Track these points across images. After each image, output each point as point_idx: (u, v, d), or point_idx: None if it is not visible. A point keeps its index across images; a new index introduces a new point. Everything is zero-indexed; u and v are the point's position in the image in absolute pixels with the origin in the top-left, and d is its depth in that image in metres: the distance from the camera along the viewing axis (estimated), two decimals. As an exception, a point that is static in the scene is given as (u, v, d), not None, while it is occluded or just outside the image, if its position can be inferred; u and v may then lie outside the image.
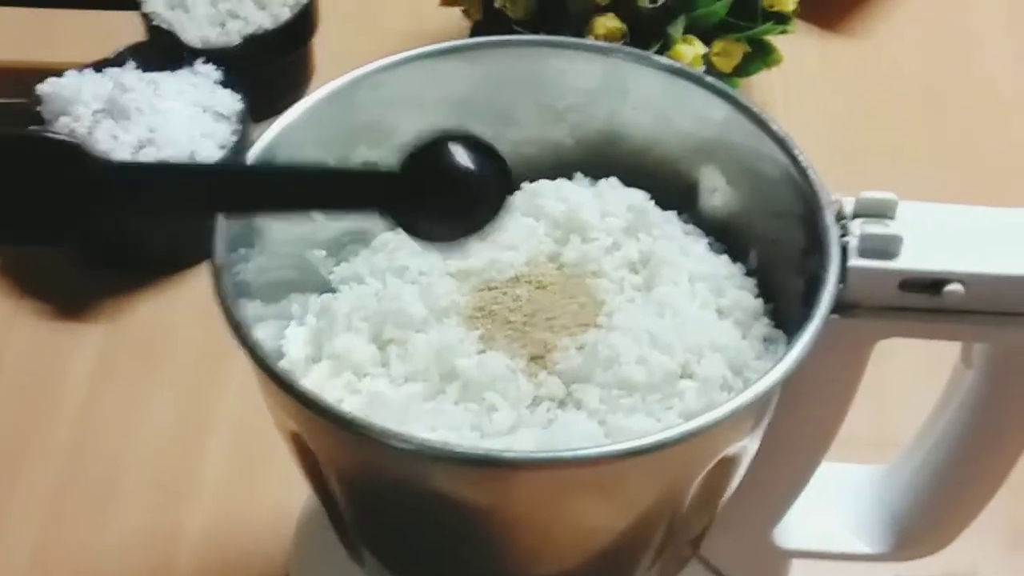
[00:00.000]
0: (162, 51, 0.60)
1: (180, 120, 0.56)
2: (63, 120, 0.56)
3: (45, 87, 0.58)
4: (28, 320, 0.57)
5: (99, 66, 0.59)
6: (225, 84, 0.58)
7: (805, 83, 0.67)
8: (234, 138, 0.56)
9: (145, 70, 0.58)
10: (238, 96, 0.58)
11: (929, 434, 0.42)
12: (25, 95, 0.58)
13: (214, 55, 0.61)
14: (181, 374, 0.55)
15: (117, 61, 0.59)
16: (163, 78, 0.58)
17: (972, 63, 0.69)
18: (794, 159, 0.38)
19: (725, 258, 0.41)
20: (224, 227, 0.37)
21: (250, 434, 0.53)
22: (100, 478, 0.52)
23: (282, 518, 0.49)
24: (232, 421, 0.54)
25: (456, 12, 0.63)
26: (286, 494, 0.49)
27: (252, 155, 0.38)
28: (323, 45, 0.65)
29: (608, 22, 0.56)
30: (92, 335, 0.56)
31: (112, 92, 0.57)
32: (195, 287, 0.58)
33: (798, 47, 0.65)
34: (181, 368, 0.55)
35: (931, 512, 0.43)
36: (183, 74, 0.59)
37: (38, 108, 0.58)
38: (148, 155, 0.55)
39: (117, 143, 0.55)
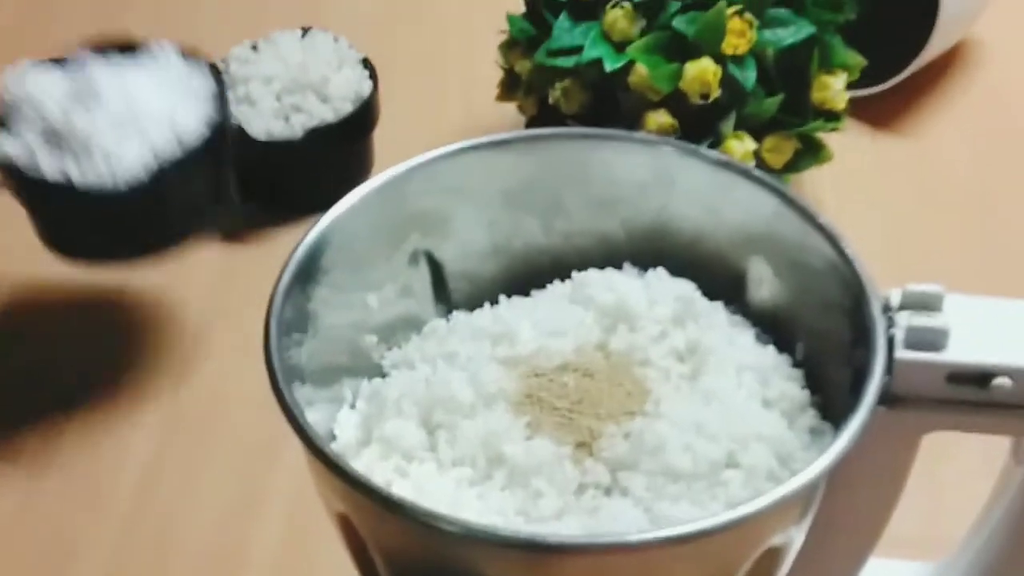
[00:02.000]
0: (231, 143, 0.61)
1: (154, 97, 0.54)
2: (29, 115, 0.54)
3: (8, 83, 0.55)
4: (89, 397, 0.58)
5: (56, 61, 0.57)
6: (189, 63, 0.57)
7: (855, 180, 0.67)
8: (214, 115, 0.55)
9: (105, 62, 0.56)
10: (206, 72, 0.57)
11: (980, 532, 0.42)
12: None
13: (278, 147, 0.62)
14: (236, 454, 0.56)
15: (75, 57, 0.56)
16: (126, 63, 0.56)
17: (1021, 163, 0.70)
18: (841, 251, 0.38)
19: (772, 349, 0.41)
20: (278, 311, 0.38)
21: (301, 516, 0.53)
22: (152, 557, 0.53)
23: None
24: (284, 502, 0.54)
25: (511, 107, 0.64)
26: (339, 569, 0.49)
27: (309, 239, 0.39)
28: (383, 138, 0.67)
29: (660, 118, 0.57)
30: (151, 413, 0.58)
31: (77, 79, 0.54)
32: (252, 367, 0.58)
33: (849, 145, 0.65)
34: (236, 448, 0.56)
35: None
36: (143, 60, 0.57)
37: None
38: (129, 134, 0.53)
39: (95, 127, 0.53)
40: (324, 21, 0.69)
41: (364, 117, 0.65)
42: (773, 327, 0.42)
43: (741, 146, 0.58)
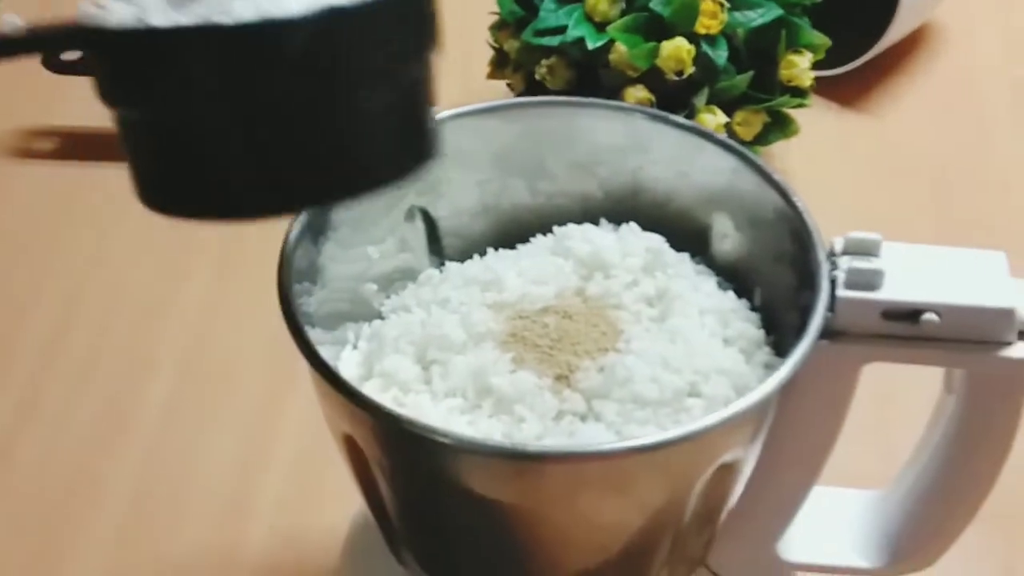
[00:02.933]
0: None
1: None
2: None
3: None
4: (112, 348, 0.63)
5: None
6: None
7: (822, 153, 0.72)
8: None
9: None
10: None
11: (918, 459, 0.46)
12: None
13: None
14: (245, 405, 0.61)
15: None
16: None
17: (977, 140, 0.74)
18: (791, 204, 0.43)
19: (732, 294, 0.45)
20: (290, 263, 0.42)
21: (305, 462, 0.58)
22: (169, 498, 0.57)
23: (332, 536, 0.54)
24: (289, 449, 0.59)
25: (501, 84, 0.69)
26: (336, 515, 0.54)
27: None
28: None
29: (638, 92, 0.62)
30: (166, 369, 0.62)
31: None
32: (261, 320, 0.63)
33: (816, 121, 0.70)
34: (245, 400, 0.61)
35: (921, 530, 0.47)
36: None
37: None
38: None
39: None
40: None
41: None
42: (734, 276, 0.46)
43: (713, 119, 0.63)
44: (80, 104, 0.74)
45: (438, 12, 0.32)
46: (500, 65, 0.68)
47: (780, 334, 0.44)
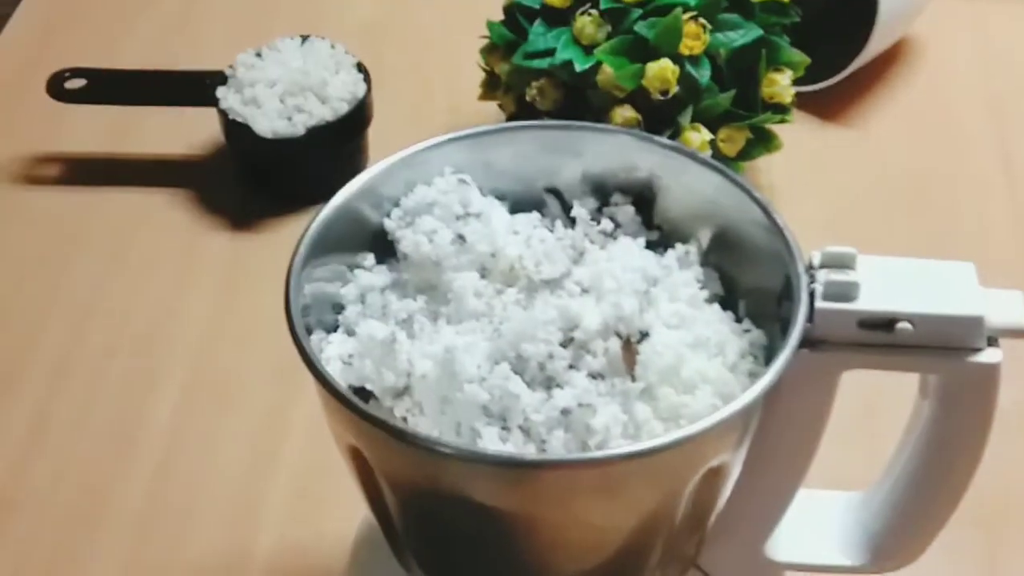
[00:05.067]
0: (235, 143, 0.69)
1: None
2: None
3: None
4: (121, 367, 0.65)
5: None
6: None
7: (805, 167, 0.74)
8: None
9: None
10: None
11: (897, 462, 0.49)
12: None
13: (281, 144, 0.69)
14: (251, 418, 0.63)
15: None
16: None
17: (954, 152, 0.77)
18: (772, 220, 0.45)
19: (716, 307, 0.47)
20: (297, 281, 0.44)
21: (311, 472, 0.60)
22: (180, 507, 0.59)
23: (338, 544, 0.56)
24: (295, 460, 0.61)
25: (492, 105, 0.71)
26: (342, 524, 0.56)
27: (329, 208, 0.46)
28: (377, 135, 0.74)
29: (625, 112, 0.64)
30: (174, 380, 0.65)
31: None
32: (264, 339, 0.65)
33: (799, 136, 0.72)
34: (251, 413, 0.63)
35: (902, 529, 0.49)
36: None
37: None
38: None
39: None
40: (322, 29, 0.76)
41: (359, 116, 0.72)
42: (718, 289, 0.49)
43: (698, 137, 0.65)
44: (84, 130, 0.77)
45: None
46: (491, 87, 0.71)
47: (762, 345, 0.47)
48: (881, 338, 0.43)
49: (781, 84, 0.67)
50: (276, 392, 0.63)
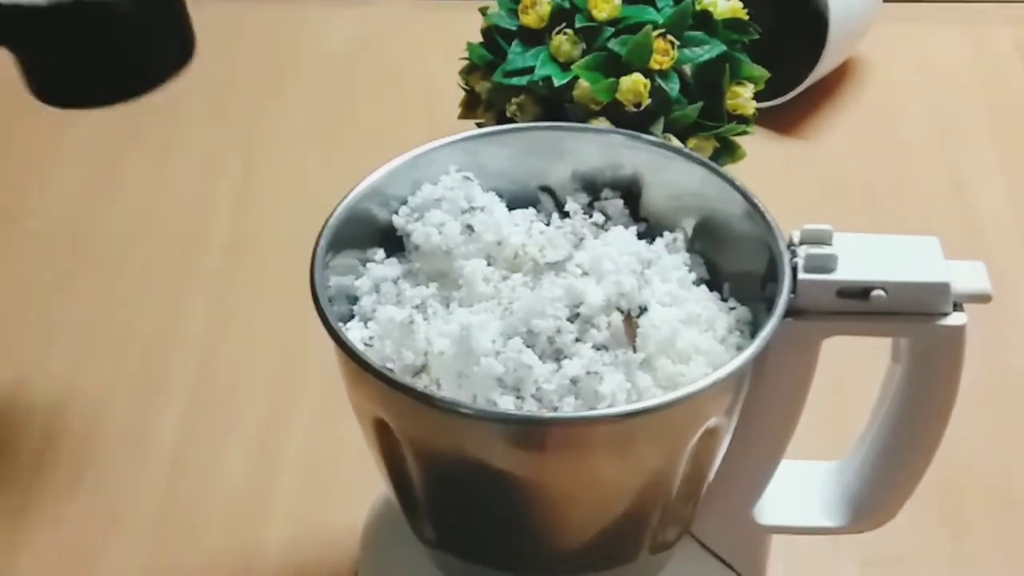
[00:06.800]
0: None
1: None
2: None
3: None
4: (128, 376, 0.68)
5: None
6: None
7: (765, 175, 0.78)
8: None
9: None
10: None
11: (870, 429, 0.53)
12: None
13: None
14: (256, 417, 0.66)
15: None
16: None
17: (901, 160, 0.82)
18: (754, 205, 0.50)
19: (705, 288, 0.51)
20: (322, 263, 0.48)
21: (318, 464, 0.63)
22: (191, 508, 0.62)
23: (350, 531, 0.59)
24: (301, 454, 0.64)
25: (471, 124, 0.75)
26: (351, 511, 0.59)
27: (341, 208, 0.49)
28: (359, 152, 0.77)
29: (601, 124, 0.69)
30: (182, 380, 0.68)
31: None
32: (269, 338, 0.69)
33: (760, 147, 0.77)
34: (258, 408, 0.66)
35: (877, 491, 0.53)
36: None
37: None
38: None
39: None
40: (302, 52, 0.79)
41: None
42: (705, 271, 0.53)
43: (669, 146, 0.69)
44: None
45: None
46: (471, 106, 0.74)
47: (748, 321, 0.51)
48: (858, 306, 0.47)
49: (743, 96, 0.71)
50: (279, 389, 0.66)
